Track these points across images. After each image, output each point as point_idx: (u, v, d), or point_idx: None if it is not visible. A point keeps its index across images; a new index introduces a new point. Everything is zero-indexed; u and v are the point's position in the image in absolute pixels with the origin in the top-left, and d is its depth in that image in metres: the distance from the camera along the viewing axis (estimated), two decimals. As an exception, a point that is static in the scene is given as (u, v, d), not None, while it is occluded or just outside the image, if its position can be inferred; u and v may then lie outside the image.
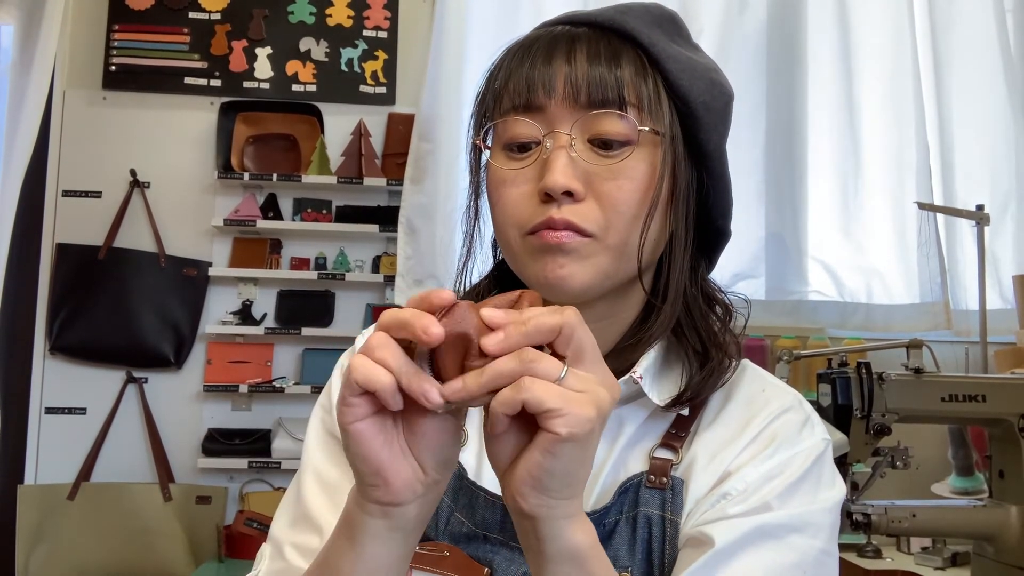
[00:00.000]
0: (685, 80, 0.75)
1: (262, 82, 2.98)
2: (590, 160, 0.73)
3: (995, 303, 2.80)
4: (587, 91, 0.72)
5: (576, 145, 0.73)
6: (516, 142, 0.75)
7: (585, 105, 0.72)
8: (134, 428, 2.83)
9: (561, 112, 0.73)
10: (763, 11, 2.98)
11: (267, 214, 2.89)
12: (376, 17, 3.03)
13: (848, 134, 2.93)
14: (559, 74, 0.73)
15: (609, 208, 0.72)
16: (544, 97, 0.73)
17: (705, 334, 0.77)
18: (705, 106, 0.76)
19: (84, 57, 2.94)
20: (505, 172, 0.75)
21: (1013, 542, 1.72)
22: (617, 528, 0.73)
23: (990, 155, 2.97)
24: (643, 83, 0.73)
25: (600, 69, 0.73)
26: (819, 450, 0.75)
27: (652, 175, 0.74)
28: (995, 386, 1.75)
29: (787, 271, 2.90)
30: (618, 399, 0.57)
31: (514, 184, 0.75)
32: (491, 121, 0.77)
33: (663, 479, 0.74)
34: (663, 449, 0.75)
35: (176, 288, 2.86)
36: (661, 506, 0.73)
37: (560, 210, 0.72)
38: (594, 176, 0.73)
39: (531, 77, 0.74)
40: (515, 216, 0.75)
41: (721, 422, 0.77)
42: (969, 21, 2.98)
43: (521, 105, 0.74)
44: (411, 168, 2.86)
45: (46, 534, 2.64)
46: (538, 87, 0.73)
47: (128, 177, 2.90)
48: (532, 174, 0.74)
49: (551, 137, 0.73)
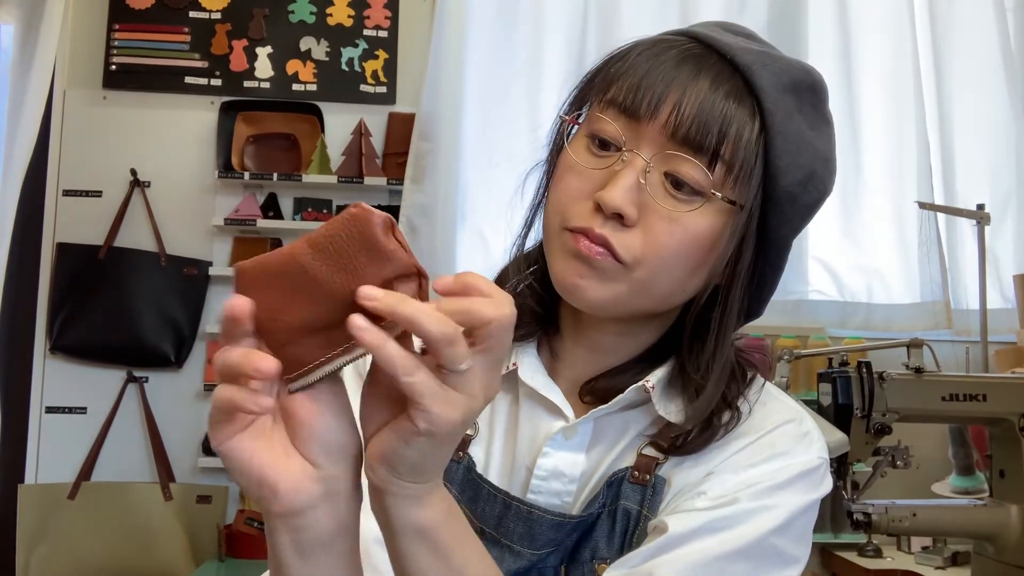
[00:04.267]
0: (784, 162, 0.72)
1: (262, 81, 2.98)
2: (656, 194, 0.70)
3: (996, 302, 2.80)
4: (687, 129, 0.70)
5: (650, 175, 0.70)
6: (600, 136, 0.73)
7: (680, 141, 0.70)
8: (134, 428, 2.83)
9: (652, 136, 0.71)
10: (763, 11, 2.98)
11: (267, 213, 2.89)
12: (376, 17, 3.03)
13: (849, 133, 2.93)
14: (669, 100, 0.70)
15: (651, 246, 0.70)
16: (645, 113, 0.70)
17: (720, 397, 0.75)
18: (789, 195, 0.73)
19: (84, 57, 2.94)
20: (577, 161, 0.74)
21: (1013, 542, 1.72)
22: (599, 520, 0.74)
23: (990, 154, 2.97)
24: (743, 148, 0.70)
25: (708, 115, 0.69)
26: (811, 464, 0.74)
27: (709, 236, 0.72)
28: (995, 385, 1.75)
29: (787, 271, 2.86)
30: (492, 400, 0.55)
31: (579, 176, 0.73)
32: (589, 106, 0.76)
33: (646, 476, 0.74)
34: (651, 447, 0.76)
35: (176, 288, 2.86)
36: (640, 502, 0.73)
37: (603, 227, 0.70)
38: (652, 210, 0.70)
39: (644, 85, 0.71)
40: (564, 207, 0.73)
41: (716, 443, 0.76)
42: (969, 21, 2.98)
43: (621, 106, 0.72)
44: (411, 168, 2.86)
45: (46, 534, 2.63)
46: (644, 100, 0.71)
47: (128, 177, 2.89)
48: (599, 177, 0.72)
49: (631, 155, 0.71)
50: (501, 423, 0.81)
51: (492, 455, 0.80)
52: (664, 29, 0.79)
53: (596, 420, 0.77)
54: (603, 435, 0.78)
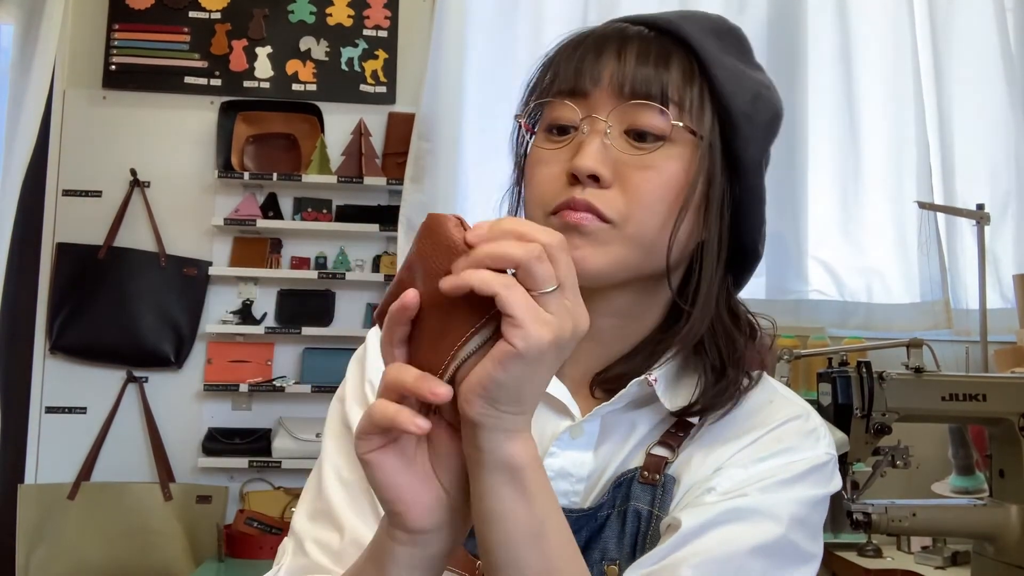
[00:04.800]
0: (729, 87, 0.76)
1: (262, 81, 2.98)
2: (622, 149, 0.74)
3: (995, 302, 2.80)
4: (631, 84, 0.74)
5: (611, 133, 0.74)
6: (557, 124, 0.77)
7: (628, 96, 0.74)
8: (134, 428, 2.83)
9: (603, 100, 0.74)
10: (763, 11, 2.98)
11: (267, 213, 2.89)
12: (376, 16, 3.03)
13: (848, 134, 2.93)
14: (607, 67, 0.75)
15: (633, 198, 0.73)
16: (590, 84, 0.75)
17: (725, 351, 0.77)
18: (747, 117, 0.77)
19: (84, 57, 2.94)
20: (542, 152, 0.77)
21: (1013, 541, 1.72)
22: (608, 521, 0.74)
23: (990, 154, 2.97)
24: (688, 86, 0.75)
25: (647, 69, 0.74)
26: (820, 460, 0.75)
27: (683, 175, 0.74)
28: (995, 385, 1.75)
29: (787, 270, 2.89)
30: (582, 336, 0.57)
31: (547, 164, 0.76)
32: (537, 104, 0.79)
33: (655, 476, 0.74)
34: (660, 447, 0.76)
35: (176, 288, 2.86)
36: (651, 502, 0.73)
37: (584, 192, 0.72)
38: (623, 165, 0.73)
39: (580, 67, 0.75)
40: (542, 195, 0.76)
41: (724, 426, 0.77)
42: (969, 21, 2.98)
43: (567, 90, 0.76)
44: (411, 167, 2.86)
45: (46, 534, 2.63)
46: (585, 75, 0.75)
47: (128, 176, 2.89)
48: (565, 155, 0.75)
49: (588, 122, 0.74)
50: None
51: None
52: None
53: (603, 418, 0.78)
54: (611, 433, 0.78)
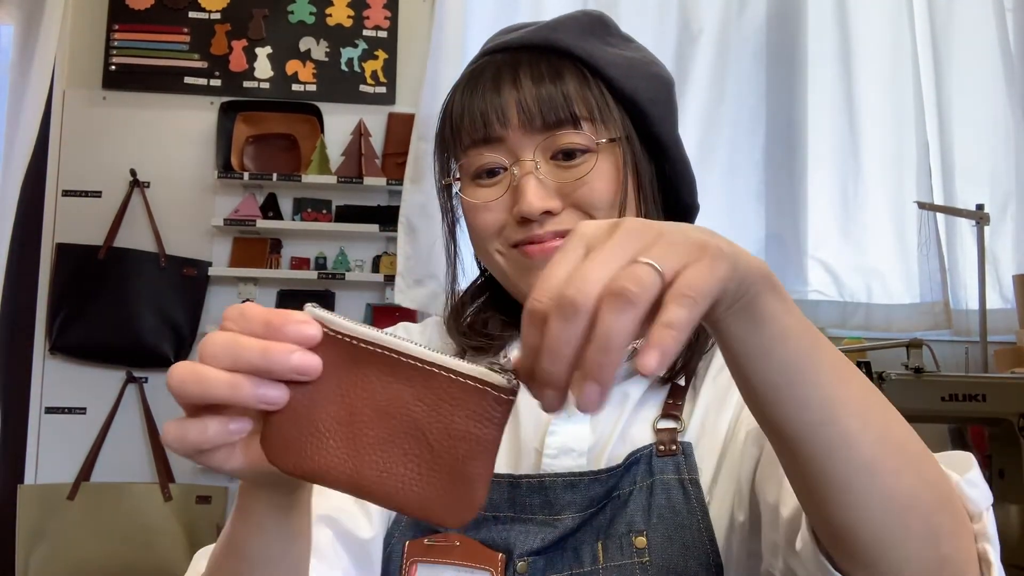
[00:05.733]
0: (629, 83, 0.80)
1: (262, 82, 2.98)
2: (557, 177, 0.78)
3: (995, 303, 2.80)
4: (540, 115, 0.77)
5: (541, 168, 0.77)
6: (484, 169, 0.80)
7: (540, 128, 0.77)
8: (134, 428, 2.83)
9: (520, 139, 0.78)
10: (763, 11, 2.98)
11: (267, 214, 2.89)
12: (376, 17, 3.03)
13: (848, 134, 2.93)
14: (510, 101, 0.77)
15: (587, 211, 0.77)
16: (500, 128, 0.78)
17: None
18: (652, 102, 0.81)
19: (84, 57, 2.94)
20: (476, 199, 0.80)
21: (1013, 542, 1.72)
22: (632, 496, 0.76)
23: (990, 155, 2.97)
24: (589, 93, 0.78)
25: (546, 88, 0.77)
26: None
27: (616, 172, 0.79)
28: (995, 386, 1.75)
29: (787, 271, 2.89)
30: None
31: (487, 211, 0.80)
32: (454, 159, 0.82)
33: (672, 446, 0.77)
34: (666, 420, 0.79)
35: (176, 288, 2.86)
36: (676, 470, 0.76)
37: (544, 227, 0.77)
38: (565, 188, 0.77)
39: (484, 109, 0.78)
40: (493, 235, 0.80)
41: (712, 384, 0.81)
42: (969, 21, 2.98)
43: (480, 139, 0.79)
44: (411, 168, 2.86)
45: (46, 534, 2.63)
46: (492, 119, 0.78)
47: (128, 177, 2.89)
48: (505, 202, 0.79)
49: (517, 166, 0.78)
50: None
51: None
52: (663, 29, 0.85)
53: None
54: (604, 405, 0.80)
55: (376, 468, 0.45)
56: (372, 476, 0.45)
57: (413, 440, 0.45)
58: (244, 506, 0.55)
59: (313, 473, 0.46)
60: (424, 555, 0.75)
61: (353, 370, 0.45)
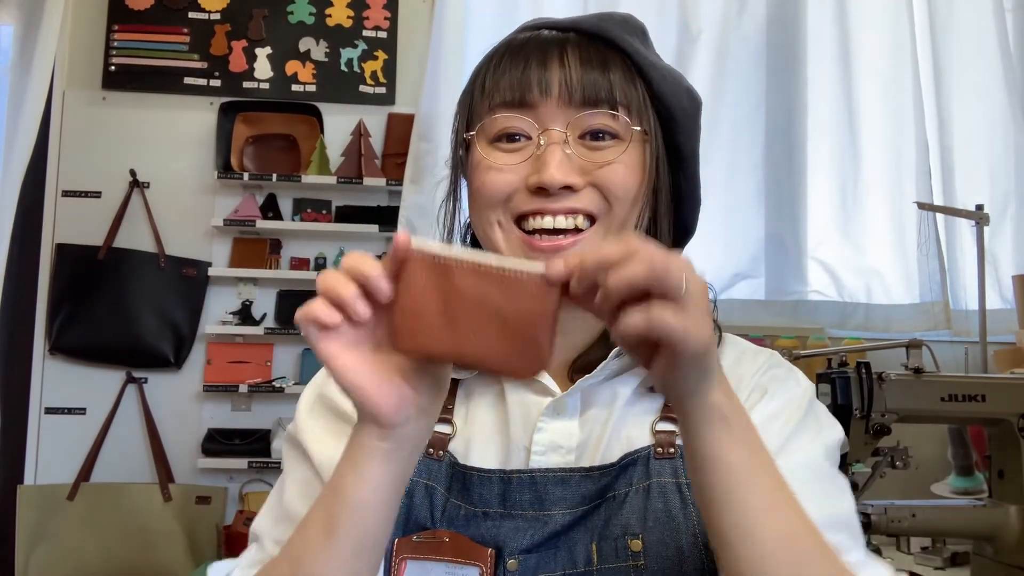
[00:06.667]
0: (667, 87, 0.82)
1: (262, 82, 2.98)
2: (582, 155, 0.77)
3: (995, 303, 2.80)
4: (582, 92, 0.77)
5: (570, 142, 0.77)
6: (505, 133, 0.78)
7: (579, 104, 0.77)
8: (134, 428, 2.83)
9: (555, 111, 0.77)
10: (762, 12, 2.98)
11: (267, 214, 2.89)
12: (376, 17, 3.03)
13: (848, 134, 2.93)
14: (555, 76, 0.77)
15: (608, 192, 0.77)
16: (539, 96, 0.77)
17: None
18: (684, 112, 0.83)
19: (84, 57, 2.94)
20: (491, 159, 0.79)
21: (1013, 542, 1.72)
22: (628, 498, 0.76)
23: (990, 155, 2.97)
24: (632, 88, 0.80)
25: (593, 73, 0.78)
26: (810, 394, 0.82)
27: (640, 166, 0.79)
28: (995, 386, 1.75)
29: (787, 271, 2.90)
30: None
31: (500, 172, 0.78)
32: (480, 117, 0.80)
33: (670, 449, 0.77)
34: (664, 422, 0.79)
35: (176, 288, 2.86)
36: (674, 473, 0.76)
37: (556, 201, 0.76)
38: (589, 167, 0.77)
39: (527, 77, 0.78)
40: (497, 199, 0.78)
41: None
42: (969, 21, 2.98)
43: (514, 102, 0.78)
44: (411, 168, 2.86)
45: (46, 534, 2.63)
46: (533, 86, 0.77)
47: (128, 177, 2.89)
48: (521, 169, 0.78)
49: (544, 135, 0.77)
50: (488, 416, 0.82)
51: (472, 444, 0.81)
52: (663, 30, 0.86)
53: (584, 391, 0.81)
54: (593, 404, 0.81)
55: (470, 342, 0.60)
56: (468, 347, 0.60)
57: (494, 318, 0.60)
58: (350, 454, 0.65)
59: (428, 349, 0.61)
60: (413, 552, 0.75)
61: (450, 278, 0.60)
